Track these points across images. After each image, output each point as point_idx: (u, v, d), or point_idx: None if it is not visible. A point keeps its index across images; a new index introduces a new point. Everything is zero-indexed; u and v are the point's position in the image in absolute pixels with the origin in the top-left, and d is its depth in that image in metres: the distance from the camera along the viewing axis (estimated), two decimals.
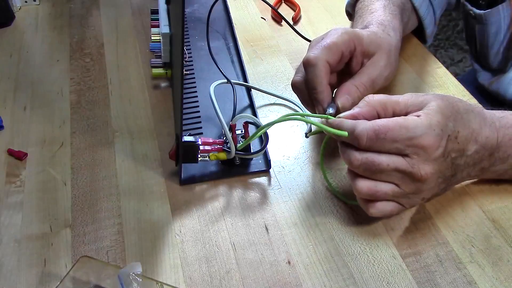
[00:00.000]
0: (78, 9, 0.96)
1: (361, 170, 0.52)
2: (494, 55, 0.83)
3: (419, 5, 0.77)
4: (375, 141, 0.50)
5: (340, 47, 0.60)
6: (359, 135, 0.51)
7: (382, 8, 0.71)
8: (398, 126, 0.50)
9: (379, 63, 0.63)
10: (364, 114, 0.54)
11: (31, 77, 0.80)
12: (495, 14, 0.79)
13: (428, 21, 0.80)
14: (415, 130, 0.50)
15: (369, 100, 0.54)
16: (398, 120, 0.51)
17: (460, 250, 0.54)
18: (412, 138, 0.50)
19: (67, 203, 0.61)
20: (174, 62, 0.69)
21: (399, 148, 0.50)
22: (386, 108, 0.54)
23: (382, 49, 0.63)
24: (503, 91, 0.84)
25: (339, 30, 0.61)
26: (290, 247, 0.55)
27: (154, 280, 0.52)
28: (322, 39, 0.61)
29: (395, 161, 0.51)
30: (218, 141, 0.61)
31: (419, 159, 0.50)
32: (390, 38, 0.66)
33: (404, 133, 0.50)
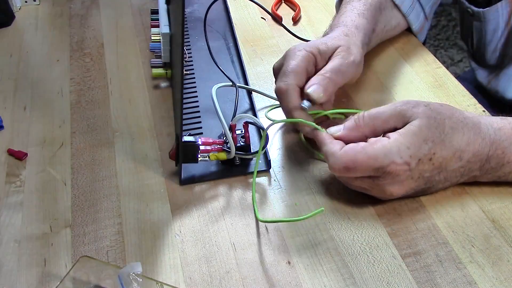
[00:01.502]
0: (78, 9, 0.96)
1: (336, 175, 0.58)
2: (491, 52, 0.84)
3: (400, 2, 0.78)
4: (346, 172, 0.55)
5: (303, 66, 0.63)
6: (331, 167, 0.56)
7: (350, 9, 0.74)
8: (366, 158, 0.53)
9: (339, 54, 0.64)
10: (351, 138, 0.57)
11: (31, 77, 0.80)
12: (493, 12, 0.79)
13: (413, 17, 0.80)
14: (383, 159, 0.53)
15: (358, 123, 0.57)
16: (367, 150, 0.53)
17: (460, 250, 0.54)
18: (379, 168, 0.53)
19: (67, 203, 0.61)
20: (174, 62, 0.69)
21: (369, 173, 0.54)
22: (376, 130, 0.56)
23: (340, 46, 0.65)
24: (502, 90, 0.84)
25: (294, 50, 0.65)
26: (290, 247, 0.55)
27: (154, 280, 0.52)
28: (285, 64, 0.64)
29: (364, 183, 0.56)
30: (218, 141, 0.61)
31: (386, 182, 0.54)
32: (348, 38, 0.68)
33: (372, 164, 0.53)
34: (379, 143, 0.53)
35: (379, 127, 0.56)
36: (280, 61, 0.67)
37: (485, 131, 0.56)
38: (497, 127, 0.57)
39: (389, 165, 0.53)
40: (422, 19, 0.82)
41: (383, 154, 0.53)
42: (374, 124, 0.56)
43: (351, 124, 0.57)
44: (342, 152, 0.54)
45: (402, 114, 0.55)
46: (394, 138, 0.53)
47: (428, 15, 0.83)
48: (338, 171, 0.55)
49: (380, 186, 0.55)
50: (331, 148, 0.56)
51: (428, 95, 0.73)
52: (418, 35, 0.83)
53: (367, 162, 0.53)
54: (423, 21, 0.82)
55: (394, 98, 0.73)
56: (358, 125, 0.56)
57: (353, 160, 0.53)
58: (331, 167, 0.55)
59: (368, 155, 0.53)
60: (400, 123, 0.55)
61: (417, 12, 0.81)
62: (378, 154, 0.53)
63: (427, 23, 0.84)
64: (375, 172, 0.54)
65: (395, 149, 0.53)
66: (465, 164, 0.56)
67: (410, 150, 0.53)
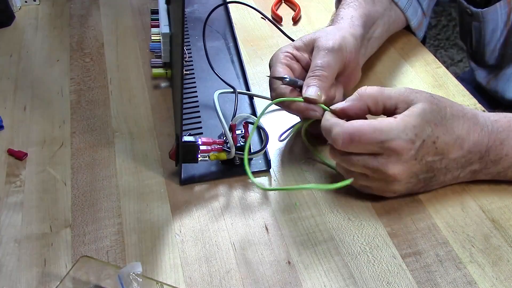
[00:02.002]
0: (78, 9, 0.96)
1: (337, 161, 0.58)
2: (490, 52, 0.84)
3: None
4: (349, 143, 0.54)
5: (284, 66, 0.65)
6: (334, 138, 0.55)
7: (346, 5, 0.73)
8: (372, 130, 0.53)
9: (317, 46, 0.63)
10: (354, 109, 0.57)
11: (31, 77, 0.80)
12: (492, 12, 0.79)
13: (411, 13, 0.80)
14: (388, 133, 0.52)
15: (361, 94, 0.57)
16: (373, 123, 0.53)
17: (460, 250, 0.54)
18: (384, 141, 0.53)
19: (67, 203, 0.61)
20: (174, 62, 0.69)
21: (372, 149, 0.54)
22: (377, 103, 0.56)
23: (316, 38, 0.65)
24: (502, 90, 0.84)
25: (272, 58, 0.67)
26: (290, 247, 0.55)
27: (154, 280, 0.52)
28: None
29: (366, 160, 0.55)
30: (218, 141, 0.61)
31: (390, 160, 0.54)
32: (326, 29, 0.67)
33: (377, 136, 0.53)
34: (385, 121, 0.53)
35: (381, 101, 0.56)
36: None
37: (483, 122, 0.57)
38: (494, 119, 0.58)
39: (394, 140, 0.52)
40: (420, 15, 0.82)
41: (389, 128, 0.53)
42: (376, 98, 0.56)
43: (354, 96, 0.57)
44: (349, 123, 0.54)
45: (406, 95, 0.55)
46: (400, 118, 0.53)
47: (426, 11, 0.83)
48: (342, 141, 0.54)
49: (383, 166, 0.54)
50: (336, 120, 0.56)
51: None
52: (417, 31, 0.83)
53: (372, 134, 0.53)
54: (421, 17, 0.82)
55: None
56: (361, 95, 0.56)
57: (359, 130, 0.53)
58: (335, 138, 0.54)
59: (375, 127, 0.53)
60: (402, 103, 0.55)
61: (415, 8, 0.81)
62: (384, 128, 0.53)
63: (426, 20, 0.84)
64: (379, 146, 0.53)
65: (401, 127, 0.53)
66: (465, 154, 0.56)
67: (415, 129, 0.53)
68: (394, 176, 0.54)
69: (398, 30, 0.83)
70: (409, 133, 0.53)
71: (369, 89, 0.57)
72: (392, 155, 0.53)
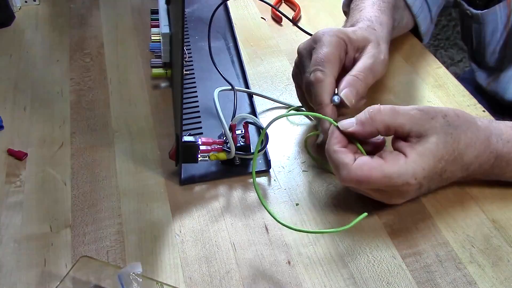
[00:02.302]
0: (78, 9, 0.96)
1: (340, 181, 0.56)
2: (490, 53, 0.84)
3: (412, 2, 0.77)
4: (356, 186, 0.55)
5: (337, 54, 0.61)
6: (341, 179, 0.54)
7: (371, 5, 0.72)
8: (381, 176, 0.52)
9: (370, 52, 0.63)
10: (364, 134, 0.55)
11: (31, 77, 0.80)
12: (492, 14, 0.79)
13: (422, 19, 0.80)
14: (397, 180, 0.52)
15: (373, 118, 0.54)
16: (383, 168, 0.52)
17: (460, 250, 0.54)
18: (391, 186, 0.53)
19: (67, 203, 0.61)
20: (174, 62, 0.69)
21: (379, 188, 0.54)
22: (389, 130, 0.54)
23: (369, 40, 0.64)
24: (502, 91, 0.84)
25: (325, 34, 0.62)
26: (290, 247, 0.55)
27: (154, 280, 0.52)
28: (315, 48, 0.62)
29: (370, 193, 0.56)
30: (218, 141, 0.61)
31: (394, 196, 0.55)
32: (376, 32, 0.67)
33: (386, 182, 0.52)
34: (395, 163, 0.52)
35: (393, 128, 0.54)
36: (309, 44, 0.64)
37: (494, 144, 0.56)
38: (506, 139, 0.56)
39: (402, 185, 0.52)
40: (429, 22, 0.82)
41: (399, 174, 0.51)
42: (389, 123, 0.54)
43: (365, 118, 0.54)
44: (356, 166, 0.52)
45: (420, 124, 0.53)
46: (412, 159, 0.52)
47: (433, 18, 0.83)
48: (349, 183, 0.54)
49: (386, 200, 0.57)
50: (343, 158, 0.53)
51: (428, 95, 0.73)
52: (424, 37, 0.83)
53: (381, 180, 0.52)
54: (429, 24, 0.83)
55: (394, 99, 0.73)
56: (373, 119, 0.54)
57: (368, 176, 0.52)
58: (342, 179, 0.53)
59: (384, 173, 0.51)
60: (415, 133, 0.53)
61: (425, 14, 0.80)
62: (393, 174, 0.51)
63: (432, 26, 0.84)
64: (386, 188, 0.53)
65: (411, 171, 0.52)
66: (470, 173, 0.57)
67: (424, 171, 0.52)
68: (395, 204, 0.58)
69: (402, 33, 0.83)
70: (418, 177, 0.52)
71: (383, 113, 0.54)
72: (396, 194, 0.55)
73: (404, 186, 0.53)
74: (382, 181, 0.52)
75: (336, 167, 0.54)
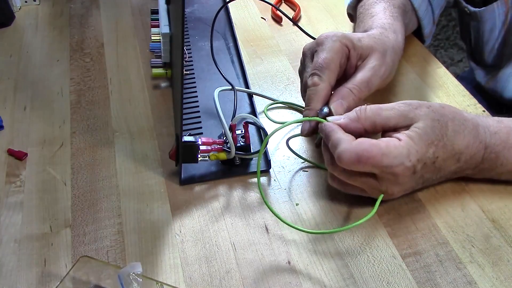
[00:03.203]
0: (78, 9, 0.96)
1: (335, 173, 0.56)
2: (489, 51, 0.84)
3: (418, 6, 0.77)
4: (355, 163, 0.53)
5: (337, 60, 0.62)
6: (340, 154, 0.53)
7: (382, 11, 0.71)
8: (380, 153, 0.52)
9: (372, 64, 0.63)
10: (351, 128, 0.56)
11: (31, 77, 0.80)
12: (490, 12, 0.79)
13: (427, 21, 0.80)
14: (393, 159, 0.52)
15: (360, 116, 0.56)
16: (381, 147, 0.52)
17: (460, 250, 0.54)
18: (388, 166, 0.52)
19: (67, 203, 0.61)
20: (174, 62, 0.69)
21: (374, 171, 0.53)
22: (375, 126, 0.56)
23: (375, 50, 0.64)
24: (500, 89, 0.84)
25: (329, 39, 0.62)
26: (290, 247, 0.55)
27: (154, 280, 0.52)
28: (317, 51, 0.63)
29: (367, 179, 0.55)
30: (218, 141, 0.61)
31: (390, 182, 0.54)
32: (388, 40, 0.66)
33: (384, 161, 0.52)
34: (392, 143, 0.53)
35: (379, 123, 0.55)
36: (312, 46, 0.64)
37: (483, 135, 0.57)
38: (493, 131, 0.57)
39: (398, 166, 0.52)
40: (432, 24, 0.82)
41: (395, 154, 0.52)
42: (375, 119, 0.55)
43: (353, 115, 0.56)
44: (356, 142, 0.53)
45: (405, 115, 0.55)
46: (405, 141, 0.53)
47: (435, 20, 0.83)
48: (347, 160, 0.53)
49: (383, 187, 0.55)
50: (344, 136, 0.54)
51: (428, 95, 0.73)
52: (426, 39, 0.83)
53: (379, 158, 0.52)
54: (432, 26, 0.82)
55: (394, 99, 0.73)
56: (360, 117, 0.56)
57: (368, 151, 0.52)
58: (340, 154, 0.53)
59: (382, 151, 0.52)
60: (402, 123, 0.55)
61: (429, 16, 0.80)
62: (391, 153, 0.52)
63: (433, 28, 0.84)
64: (382, 170, 0.53)
65: (406, 152, 0.52)
66: (462, 165, 0.57)
67: (418, 154, 0.53)
68: (391, 194, 0.56)
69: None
70: (412, 159, 0.53)
71: (368, 111, 0.55)
72: (392, 178, 0.54)
73: (399, 167, 0.52)
74: (380, 158, 0.52)
75: (335, 143, 0.54)
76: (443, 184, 0.60)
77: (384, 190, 0.55)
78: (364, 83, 0.62)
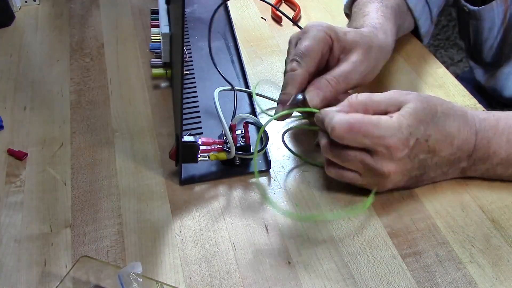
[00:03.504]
0: (78, 9, 0.96)
1: (331, 156, 0.57)
2: (488, 50, 0.84)
3: (414, 5, 0.77)
4: (347, 132, 0.54)
5: (319, 49, 0.62)
6: (334, 125, 0.54)
7: (375, 10, 0.71)
8: (371, 124, 0.53)
9: (353, 58, 0.63)
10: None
11: (31, 77, 0.80)
12: (489, 10, 0.79)
13: (423, 21, 0.80)
14: (385, 130, 0.53)
15: (351, 101, 0.57)
16: (372, 118, 0.54)
17: (460, 250, 0.54)
18: (380, 137, 0.53)
19: (67, 203, 0.61)
20: (174, 62, 0.69)
21: (367, 144, 0.54)
22: (367, 110, 0.56)
23: (359, 45, 0.64)
24: (500, 88, 0.84)
25: (314, 28, 0.63)
26: (290, 247, 0.55)
27: (154, 280, 0.52)
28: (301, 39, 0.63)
29: (361, 155, 0.55)
30: (218, 141, 0.61)
31: (384, 157, 0.54)
32: (376, 38, 0.66)
33: (376, 131, 0.53)
34: (383, 118, 0.54)
35: (371, 108, 0.56)
36: (298, 35, 0.65)
37: (472, 121, 0.57)
38: (482, 117, 0.58)
39: (390, 137, 0.53)
40: (429, 23, 0.82)
41: (386, 126, 0.53)
42: (366, 104, 0.56)
43: (345, 103, 0.57)
44: (349, 114, 0.55)
45: (395, 98, 0.56)
46: (396, 117, 0.54)
47: (433, 19, 0.83)
48: (340, 128, 0.53)
49: (377, 164, 0.54)
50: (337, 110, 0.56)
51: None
52: (424, 38, 0.83)
53: (371, 128, 0.53)
54: (430, 25, 0.82)
55: None
56: (351, 103, 0.56)
57: (359, 121, 0.53)
58: (334, 124, 0.54)
59: (374, 122, 0.53)
60: (393, 107, 0.56)
61: (426, 16, 0.80)
62: (382, 124, 0.53)
63: (432, 27, 0.84)
64: (375, 142, 0.53)
65: (397, 125, 0.53)
66: (455, 151, 0.57)
67: (410, 128, 0.54)
68: (387, 174, 0.55)
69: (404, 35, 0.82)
70: (404, 132, 0.53)
71: (359, 96, 0.57)
72: (385, 153, 0.54)
73: (392, 139, 0.53)
74: (372, 129, 0.53)
75: (330, 117, 0.55)
76: (443, 184, 0.60)
77: (379, 169, 0.54)
78: (342, 76, 0.62)
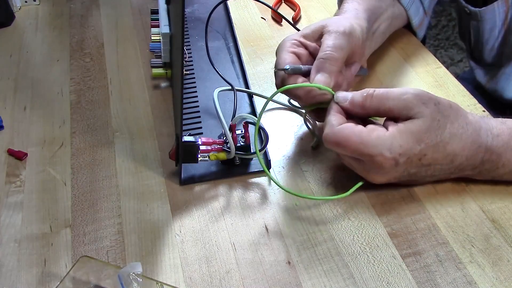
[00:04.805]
0: (78, 9, 0.96)
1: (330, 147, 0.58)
2: (488, 50, 0.84)
3: None
4: (335, 147, 0.56)
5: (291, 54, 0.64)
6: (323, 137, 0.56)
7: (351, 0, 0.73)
8: (358, 141, 0.54)
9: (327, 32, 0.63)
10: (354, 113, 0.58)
11: (31, 77, 0.80)
12: (490, 11, 0.79)
13: (413, 12, 0.80)
14: (373, 149, 0.54)
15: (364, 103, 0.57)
16: (362, 135, 0.54)
17: (460, 250, 0.54)
18: (366, 155, 0.54)
19: (67, 203, 0.61)
20: (174, 62, 0.69)
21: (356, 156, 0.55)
22: (379, 114, 0.57)
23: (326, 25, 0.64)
24: (501, 89, 0.84)
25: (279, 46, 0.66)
26: (290, 247, 0.55)
27: (154, 280, 0.52)
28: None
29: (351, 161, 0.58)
30: (218, 141, 0.61)
31: (372, 168, 0.56)
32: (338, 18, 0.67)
33: (362, 149, 0.54)
34: (375, 133, 0.54)
35: (383, 112, 0.56)
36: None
37: (484, 138, 0.56)
38: (496, 133, 0.57)
39: (376, 156, 0.53)
40: (422, 14, 0.82)
41: (374, 144, 0.53)
42: (379, 108, 0.56)
43: (358, 101, 0.57)
44: (339, 127, 0.55)
45: (409, 108, 0.55)
46: (391, 132, 0.54)
47: (427, 10, 0.82)
48: (329, 144, 0.56)
49: (364, 170, 0.57)
50: (332, 120, 0.57)
51: None
52: (417, 30, 0.83)
53: (357, 146, 0.54)
54: (422, 16, 0.82)
55: None
56: (365, 105, 0.56)
57: (346, 139, 0.54)
58: (324, 137, 0.56)
59: (361, 140, 0.54)
60: (404, 115, 0.55)
61: (417, 6, 0.80)
62: (369, 142, 0.54)
63: (426, 19, 0.84)
64: (362, 157, 0.55)
65: (388, 143, 0.53)
66: (457, 166, 0.57)
67: (401, 148, 0.54)
68: (373, 181, 0.58)
69: (400, 26, 0.82)
70: (393, 152, 0.53)
71: (374, 99, 0.56)
72: (374, 166, 0.55)
73: (378, 157, 0.53)
74: (358, 147, 0.54)
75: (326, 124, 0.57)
76: (443, 184, 0.60)
77: (366, 177, 0.58)
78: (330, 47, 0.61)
